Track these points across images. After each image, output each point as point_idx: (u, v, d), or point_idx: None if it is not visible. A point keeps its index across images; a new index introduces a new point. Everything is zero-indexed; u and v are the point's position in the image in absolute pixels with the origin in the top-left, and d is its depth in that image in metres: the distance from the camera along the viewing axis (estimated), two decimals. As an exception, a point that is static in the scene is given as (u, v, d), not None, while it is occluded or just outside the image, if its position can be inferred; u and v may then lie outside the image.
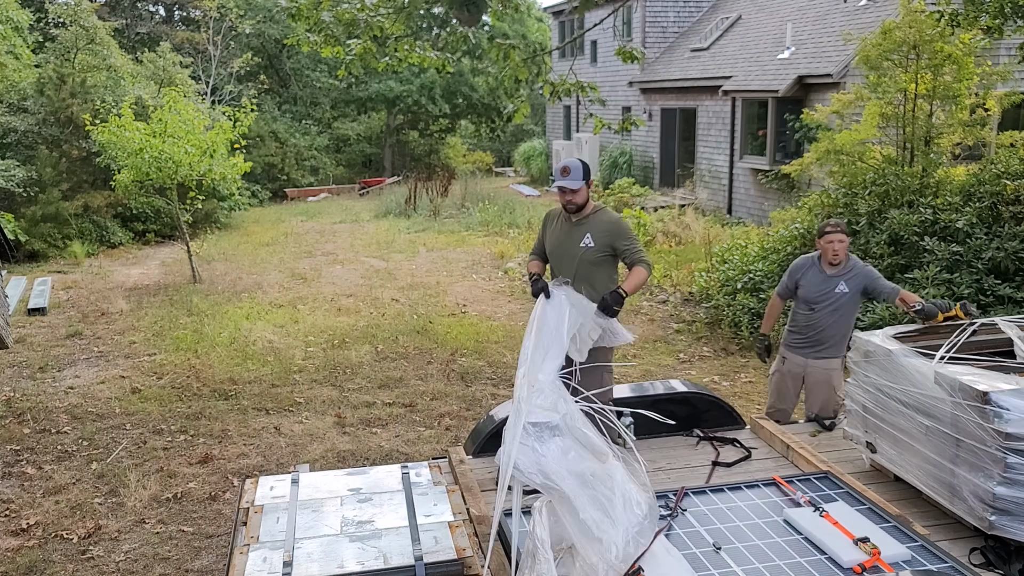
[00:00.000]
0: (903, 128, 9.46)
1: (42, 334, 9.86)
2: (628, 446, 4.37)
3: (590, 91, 7.34)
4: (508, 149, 35.05)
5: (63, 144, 15.88)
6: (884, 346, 3.70)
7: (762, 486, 3.49)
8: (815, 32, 16.31)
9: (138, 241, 16.56)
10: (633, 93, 22.18)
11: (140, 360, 8.76)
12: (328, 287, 12.08)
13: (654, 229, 14.46)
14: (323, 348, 9.03)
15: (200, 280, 12.48)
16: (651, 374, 8.11)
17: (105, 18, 21.98)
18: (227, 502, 5.63)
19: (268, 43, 28.42)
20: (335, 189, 26.59)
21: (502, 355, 8.68)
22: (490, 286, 11.98)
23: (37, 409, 7.40)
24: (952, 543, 3.23)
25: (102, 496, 5.77)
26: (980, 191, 8.36)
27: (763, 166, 16.17)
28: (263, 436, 6.75)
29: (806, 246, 9.38)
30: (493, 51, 7.23)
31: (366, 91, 28.77)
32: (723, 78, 17.59)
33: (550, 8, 28.57)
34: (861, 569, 2.81)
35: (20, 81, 16.87)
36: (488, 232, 16.66)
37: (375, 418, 7.10)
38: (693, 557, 2.94)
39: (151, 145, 11.57)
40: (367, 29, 6.82)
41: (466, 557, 2.94)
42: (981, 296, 7.76)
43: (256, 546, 3.01)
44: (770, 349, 5.35)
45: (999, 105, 9.66)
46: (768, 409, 5.30)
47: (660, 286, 11.39)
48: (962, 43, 8.95)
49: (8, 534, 5.27)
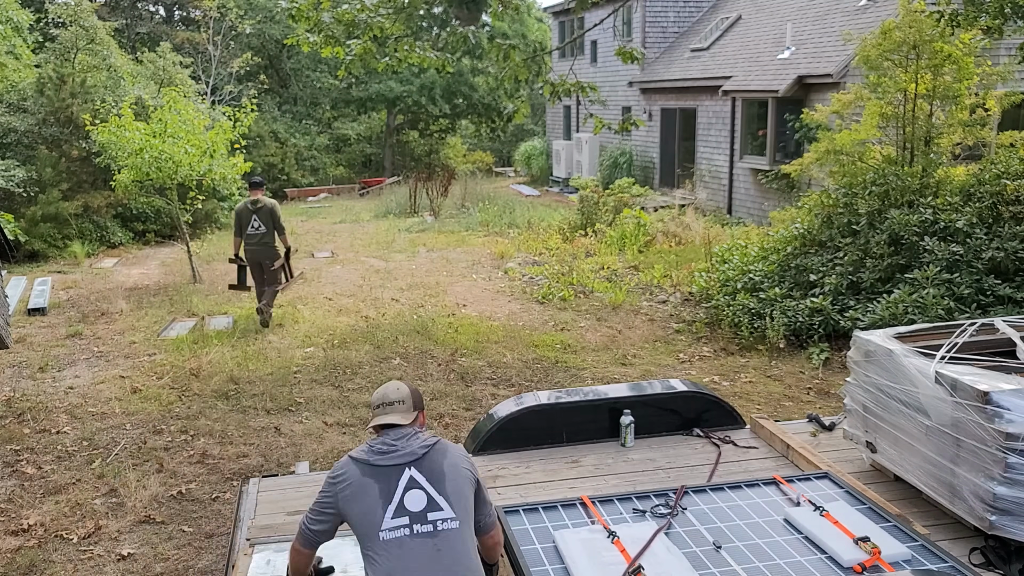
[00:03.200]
0: (903, 128, 9.47)
1: (42, 334, 9.85)
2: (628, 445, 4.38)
3: (590, 91, 7.36)
4: (508, 149, 35.05)
5: (63, 144, 15.87)
6: (885, 346, 3.70)
7: (762, 485, 3.50)
8: (815, 32, 16.32)
9: (138, 241, 16.55)
10: (633, 93, 22.18)
11: (140, 360, 8.76)
12: (328, 287, 12.08)
13: (654, 229, 14.46)
14: (323, 348, 9.03)
15: (200, 280, 12.47)
16: (651, 374, 8.11)
17: (105, 18, 21.98)
18: (227, 502, 5.63)
19: (268, 43, 28.42)
20: (335, 189, 26.60)
21: (502, 355, 8.68)
22: (490, 286, 11.97)
23: (37, 409, 7.40)
24: (952, 543, 3.23)
25: (102, 496, 5.77)
26: (980, 191, 8.36)
27: (763, 166, 16.17)
28: (263, 436, 6.75)
29: (806, 246, 9.40)
30: (493, 51, 7.25)
31: (366, 91, 28.77)
32: (723, 78, 17.59)
33: (550, 8, 28.56)
34: (861, 568, 2.81)
35: (20, 81, 16.87)
36: (488, 232, 16.65)
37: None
38: (694, 556, 2.94)
39: (151, 145, 11.57)
40: (367, 29, 6.83)
41: None
42: (981, 296, 7.76)
43: (260, 547, 3.01)
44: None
45: (999, 105, 9.66)
46: None
47: (660, 286, 11.39)
48: (962, 43, 8.95)
49: (8, 534, 5.27)
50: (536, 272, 12.46)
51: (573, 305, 10.71)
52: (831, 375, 7.84)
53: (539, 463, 4.14)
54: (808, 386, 7.63)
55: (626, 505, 3.38)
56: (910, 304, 7.61)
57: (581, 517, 3.29)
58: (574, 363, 8.43)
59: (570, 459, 4.19)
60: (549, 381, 7.94)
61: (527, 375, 8.11)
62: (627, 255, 13.39)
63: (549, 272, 12.26)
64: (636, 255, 13.38)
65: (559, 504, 3.40)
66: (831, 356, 8.19)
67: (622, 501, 3.41)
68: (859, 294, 8.49)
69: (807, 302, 8.54)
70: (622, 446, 4.32)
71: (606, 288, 11.30)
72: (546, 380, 7.97)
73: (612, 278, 11.92)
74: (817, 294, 8.64)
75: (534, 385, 7.80)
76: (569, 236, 15.00)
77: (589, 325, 9.82)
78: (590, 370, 8.21)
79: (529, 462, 4.15)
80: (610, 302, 10.67)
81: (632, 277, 12.00)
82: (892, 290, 8.05)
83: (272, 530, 3.44)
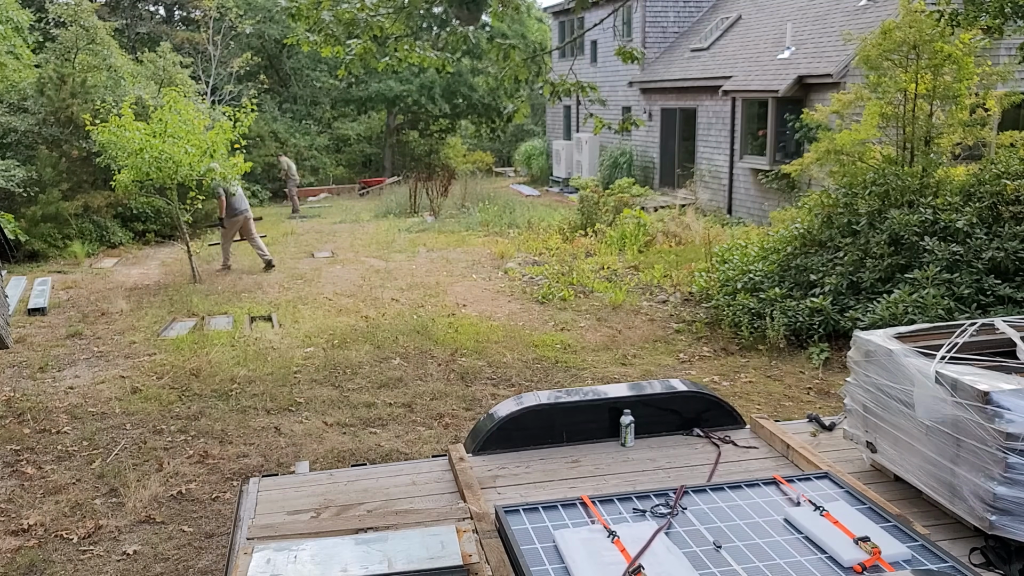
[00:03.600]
0: (903, 128, 9.47)
1: (42, 334, 9.85)
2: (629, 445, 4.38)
3: (590, 91, 7.35)
4: (508, 149, 35.05)
5: (63, 144, 15.88)
6: (885, 346, 3.70)
7: (762, 485, 3.49)
8: (815, 32, 16.32)
9: (138, 241, 16.56)
10: (633, 93, 22.18)
11: (140, 360, 8.76)
12: (328, 287, 12.08)
13: (654, 229, 14.46)
14: (323, 348, 9.03)
15: (200, 280, 12.48)
16: (651, 374, 8.11)
17: (105, 18, 21.98)
18: (227, 502, 5.63)
19: (268, 43, 28.41)
20: (335, 189, 26.59)
21: (502, 355, 8.68)
22: (490, 286, 11.98)
23: (37, 409, 7.40)
24: (952, 543, 3.23)
25: (102, 496, 5.77)
26: (980, 191, 8.37)
27: (763, 166, 16.17)
28: (263, 436, 6.75)
29: (806, 246, 9.40)
30: (493, 51, 7.24)
31: (366, 91, 28.77)
32: (723, 78, 17.59)
33: (550, 8, 28.57)
34: (861, 568, 2.81)
35: (20, 81, 16.87)
36: (488, 232, 16.65)
37: (375, 418, 7.10)
38: (694, 555, 2.94)
39: (151, 145, 11.57)
40: (367, 29, 6.82)
41: (472, 564, 2.93)
42: (981, 296, 7.76)
43: (260, 547, 3.01)
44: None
45: (999, 105, 9.66)
46: None
47: (660, 286, 11.40)
48: (962, 43, 8.95)
49: (8, 534, 5.27)
50: (536, 272, 12.46)
51: (573, 305, 10.71)
52: (831, 375, 7.84)
53: (539, 463, 4.14)
54: (808, 386, 7.64)
55: (626, 505, 3.37)
56: (910, 304, 7.61)
57: (581, 517, 3.29)
58: (574, 363, 8.43)
59: (570, 459, 4.19)
60: (549, 381, 7.94)
61: (527, 375, 8.11)
62: (627, 255, 13.39)
63: (549, 272, 12.26)
64: (636, 255, 13.38)
65: (559, 504, 3.40)
66: (831, 356, 8.19)
67: (622, 501, 3.41)
68: (859, 294, 8.49)
69: (807, 302, 8.54)
70: (622, 446, 4.32)
71: (606, 288, 11.30)
72: (546, 380, 7.97)
73: (612, 278, 11.92)
74: (817, 294, 8.64)
75: (534, 385, 7.80)
76: (569, 236, 15.00)
77: (589, 325, 9.82)
78: (590, 370, 8.21)
79: (529, 462, 4.15)
80: (610, 302, 10.67)
81: (632, 277, 12.00)
82: (892, 290, 8.05)
83: (272, 530, 3.44)
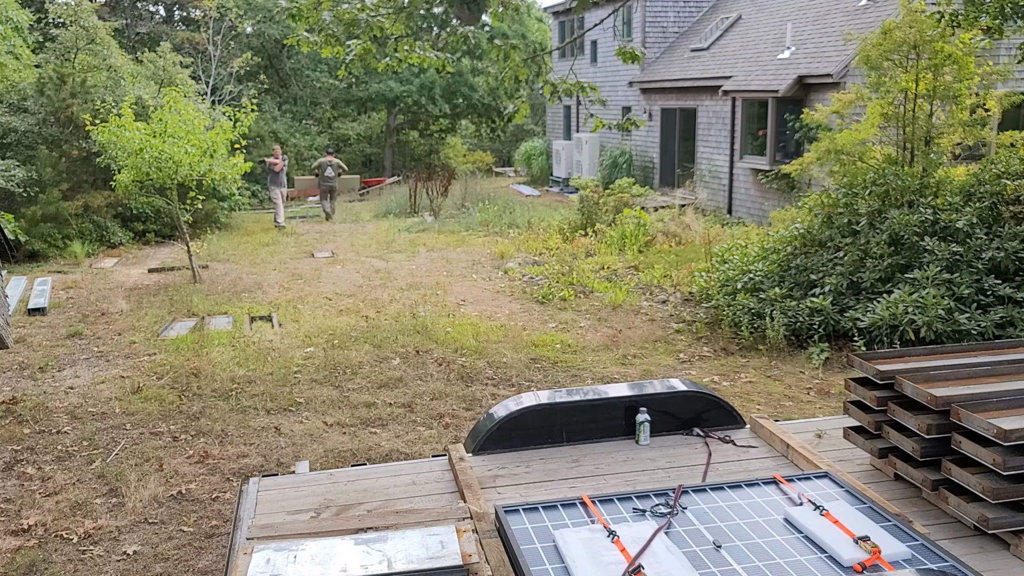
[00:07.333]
0: (903, 128, 9.47)
1: (42, 334, 9.85)
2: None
3: (590, 91, 7.35)
4: (508, 149, 35.05)
5: (63, 144, 15.88)
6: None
7: (762, 484, 3.49)
8: (815, 32, 16.32)
9: (138, 241, 16.56)
10: (633, 93, 22.18)
11: (140, 360, 8.76)
12: (328, 287, 12.08)
13: (654, 229, 14.46)
14: (323, 348, 9.03)
15: (200, 280, 12.48)
16: (651, 374, 8.11)
17: (105, 18, 21.98)
18: (227, 502, 5.63)
19: (268, 43, 28.41)
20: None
21: (502, 355, 8.68)
22: (490, 286, 11.98)
23: (37, 409, 7.40)
24: (952, 543, 3.23)
25: (102, 496, 5.77)
26: (980, 191, 8.37)
27: (763, 166, 16.17)
28: (263, 436, 6.75)
29: (806, 246, 9.40)
30: (493, 51, 7.24)
31: (366, 91, 28.77)
32: (723, 78, 17.59)
33: (550, 8, 28.57)
34: (861, 568, 2.81)
35: (20, 81, 16.86)
36: (488, 232, 16.65)
37: (375, 418, 7.10)
38: (693, 555, 2.94)
39: (151, 145, 11.57)
40: (367, 29, 6.82)
41: (472, 563, 2.92)
42: (981, 296, 7.76)
43: (260, 547, 3.00)
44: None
45: (999, 105, 9.66)
46: None
47: (660, 286, 11.40)
48: (962, 43, 8.95)
49: (8, 534, 5.27)
50: (536, 272, 12.46)
51: (573, 305, 10.71)
52: (831, 375, 7.84)
53: (539, 463, 4.14)
54: (808, 386, 7.63)
55: (626, 505, 3.37)
56: (910, 304, 7.61)
57: (581, 517, 3.29)
58: (574, 363, 8.43)
59: (570, 459, 4.19)
60: (549, 381, 7.94)
61: (527, 375, 8.11)
62: (627, 255, 13.39)
63: (549, 272, 12.26)
64: (636, 255, 13.38)
65: (559, 504, 3.40)
66: (831, 356, 8.19)
67: (622, 501, 3.41)
68: (859, 294, 8.49)
69: (807, 302, 8.53)
70: (636, 443, 4.34)
71: (606, 288, 11.30)
72: (546, 380, 7.97)
73: (612, 278, 11.92)
74: (817, 294, 8.64)
75: (534, 385, 7.80)
76: (569, 236, 15.00)
77: (589, 325, 9.82)
78: (590, 370, 8.21)
79: (529, 462, 4.15)
80: (610, 302, 10.67)
81: (632, 277, 12.00)
82: (892, 290, 8.05)
83: (272, 530, 3.44)
